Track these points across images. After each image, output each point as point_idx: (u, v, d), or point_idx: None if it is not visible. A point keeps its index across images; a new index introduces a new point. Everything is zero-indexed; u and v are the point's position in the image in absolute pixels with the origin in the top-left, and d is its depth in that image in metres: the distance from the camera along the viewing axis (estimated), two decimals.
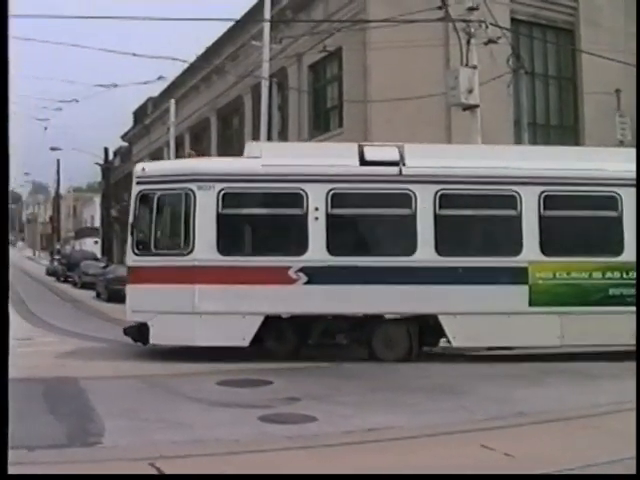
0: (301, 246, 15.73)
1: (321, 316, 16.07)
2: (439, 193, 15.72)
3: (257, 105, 30.87)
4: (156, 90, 50.60)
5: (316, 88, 31.43)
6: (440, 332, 15.85)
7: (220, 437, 9.37)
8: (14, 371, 14.70)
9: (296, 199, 15.81)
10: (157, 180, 16.56)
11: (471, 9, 19.47)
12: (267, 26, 27.26)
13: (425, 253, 15.57)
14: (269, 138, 26.26)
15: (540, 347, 16.20)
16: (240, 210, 16.33)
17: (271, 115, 26.56)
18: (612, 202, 15.85)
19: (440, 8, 19.97)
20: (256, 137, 30.25)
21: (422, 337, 16.09)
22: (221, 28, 37.90)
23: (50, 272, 63.34)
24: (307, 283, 15.60)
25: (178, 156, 41.48)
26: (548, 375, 13.89)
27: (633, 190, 15.23)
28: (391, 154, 16.16)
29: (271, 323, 15.86)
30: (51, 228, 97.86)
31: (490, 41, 20.00)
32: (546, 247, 15.68)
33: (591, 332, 15.37)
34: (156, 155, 51.00)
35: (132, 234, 16.55)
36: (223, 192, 15.86)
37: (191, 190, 15.93)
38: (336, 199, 15.76)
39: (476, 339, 15.96)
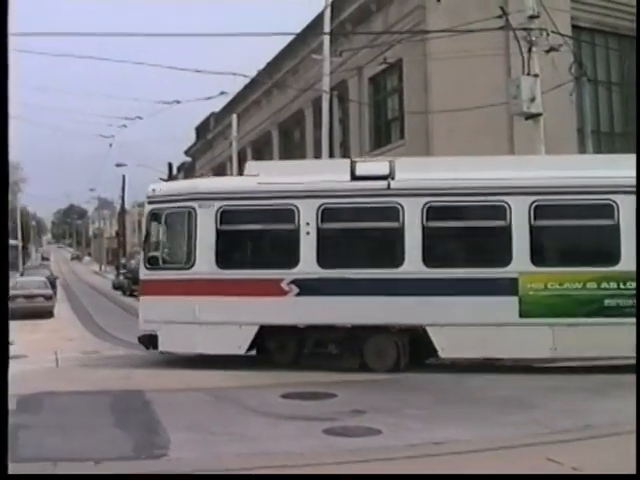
0: (293, 259, 16.39)
1: (314, 326, 16.51)
2: (427, 205, 15.94)
3: (318, 118, 30.98)
4: (218, 105, 51.14)
5: (377, 100, 31.43)
6: (431, 343, 15.90)
7: (285, 450, 9.41)
8: (82, 384, 15.00)
9: (289, 215, 16.48)
10: (165, 199, 17.74)
11: (532, 17, 19.27)
12: (327, 39, 27.36)
13: (413, 265, 15.82)
14: (331, 151, 26.33)
15: (531, 359, 16.24)
16: (237, 226, 17.14)
17: (332, 128, 26.60)
18: (607, 210, 15.48)
19: (500, 17, 19.84)
20: (317, 150, 30.38)
21: (414, 348, 16.23)
22: (281, 43, 38.21)
23: (116, 286, 64.19)
24: (299, 295, 16.19)
25: (240, 171, 41.82)
26: (616, 387, 13.60)
27: (631, 197, 14.73)
28: (381, 168, 16.58)
29: (272, 333, 16.69)
30: (117, 243, 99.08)
31: (552, 49, 19.78)
32: (537, 257, 15.56)
33: (586, 344, 15.12)
34: (219, 170, 51.50)
35: (144, 249, 18.16)
36: (222, 209, 16.83)
37: (193, 208, 17.02)
38: (326, 214, 16.31)
39: (464, 350, 15.93)
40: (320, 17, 28.80)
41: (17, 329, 28.67)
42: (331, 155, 26.50)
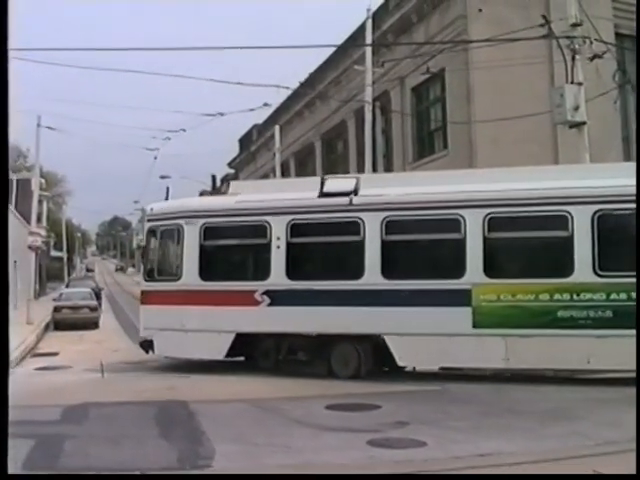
0: (265, 272, 17.75)
1: (286, 334, 17.66)
2: (385, 220, 16.71)
3: (361, 129, 30.97)
4: (261, 117, 51.33)
5: (419, 110, 31.32)
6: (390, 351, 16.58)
7: (328, 461, 9.40)
8: (128, 395, 15.11)
9: (262, 230, 17.82)
10: (160, 217, 19.74)
11: (575, 25, 19.12)
12: (369, 50, 27.41)
13: (372, 277, 16.62)
14: (374, 162, 26.31)
15: (485, 369, 16.56)
16: (218, 241, 18.73)
17: (375, 139, 26.61)
18: (561, 221, 15.59)
19: (543, 25, 19.71)
20: (360, 161, 30.35)
21: (376, 356, 16.91)
22: (324, 54, 38.29)
23: None
24: (270, 305, 17.46)
25: None
26: None
27: (585, 208, 15.18)
28: (346, 185, 17.65)
29: (250, 341, 18.05)
30: None
31: (595, 56, 19.59)
32: (490, 269, 15.81)
33: (539, 355, 15.40)
34: None
35: (143, 263, 20.75)
36: (205, 226, 18.46)
37: (181, 225, 18.80)
38: (295, 229, 17.50)
39: (421, 359, 16.77)
40: (362, 28, 28.85)
41: (62, 340, 29.04)
42: (374, 166, 26.48)
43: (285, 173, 45.14)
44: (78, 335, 31.39)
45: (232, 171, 67.36)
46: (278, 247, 17.58)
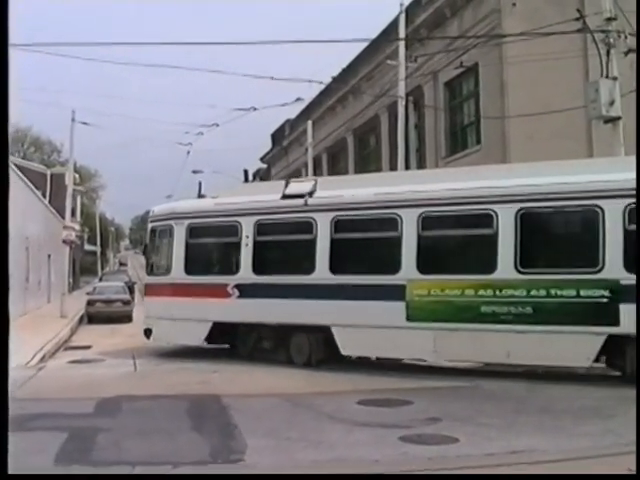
0: (236, 267, 19.71)
1: (254, 324, 19.55)
2: (334, 219, 18.10)
3: (393, 124, 30.87)
4: (293, 112, 51.31)
5: (452, 105, 31.14)
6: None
7: (361, 457, 9.38)
8: (160, 388, 15.18)
9: (234, 229, 19.76)
10: (159, 218, 22.33)
11: (609, 19, 18.91)
12: (402, 45, 27.33)
13: (322, 272, 18.02)
14: (406, 157, 26.22)
15: (418, 360, 17.59)
16: (200, 239, 20.94)
17: (408, 134, 26.49)
18: (487, 220, 16.18)
19: (577, 19, 19.51)
20: (393, 156, 30.28)
21: (327, 346, 18.20)
22: (356, 49, 38.18)
23: None
24: (239, 297, 19.31)
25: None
26: None
27: (510, 206, 15.77)
28: (304, 187, 19.37)
29: (226, 329, 20.00)
30: None
31: (630, 51, 19.36)
32: (422, 266, 16.65)
33: (464, 349, 16.29)
34: (294, 176, 51.61)
35: (146, 259, 24.00)
36: (189, 226, 20.78)
37: (172, 225, 21.28)
38: (261, 228, 19.31)
39: (361, 349, 18.22)
40: (395, 23, 28.76)
41: (95, 333, 29.26)
42: (407, 161, 26.38)
43: (317, 168, 45.10)
44: (111, 329, 31.62)
45: (264, 166, 67.44)
46: (247, 245, 19.41)
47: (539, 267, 15.80)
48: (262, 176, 68.71)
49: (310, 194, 18.86)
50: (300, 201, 18.82)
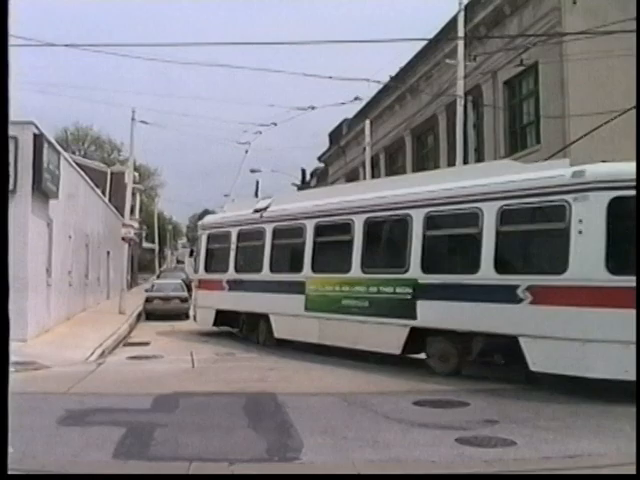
0: (227, 266, 25.51)
1: (239, 312, 25.50)
2: (272, 229, 23.24)
3: (451, 123, 30.68)
4: (351, 111, 51.31)
5: (512, 104, 30.79)
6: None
7: (418, 457, 9.34)
8: (217, 385, 15.28)
9: (228, 237, 25.82)
10: (200, 228, 29.25)
11: None
12: (461, 43, 27.10)
13: (266, 271, 23.23)
14: (465, 156, 26.01)
15: (313, 343, 20.63)
16: (213, 245, 27.37)
17: (466, 133, 26.27)
18: (346, 227, 19.91)
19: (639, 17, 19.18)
20: (451, 155, 30.09)
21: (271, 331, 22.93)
22: (414, 48, 38.01)
23: None
24: (229, 290, 25.38)
25: (373, 176, 41.76)
26: None
27: (360, 216, 19.34)
28: (264, 203, 24.82)
29: (226, 316, 26.16)
30: None
31: None
32: (315, 265, 20.95)
33: (337, 335, 19.68)
34: (351, 176, 51.63)
35: (193, 260, 30.68)
36: (209, 234, 27.62)
37: (201, 234, 28.30)
38: (241, 236, 25.24)
39: (283, 334, 22.33)
40: (453, 21, 28.56)
41: (154, 330, 29.55)
42: (465, 160, 26.17)
43: (375, 167, 45.01)
44: (169, 325, 31.91)
45: (322, 165, 67.49)
46: (233, 249, 25.39)
47: (375, 268, 18.85)
48: (319, 175, 68.79)
49: (265, 209, 24.14)
50: (258, 215, 24.33)
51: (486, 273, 15.49)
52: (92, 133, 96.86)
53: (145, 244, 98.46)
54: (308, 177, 75.62)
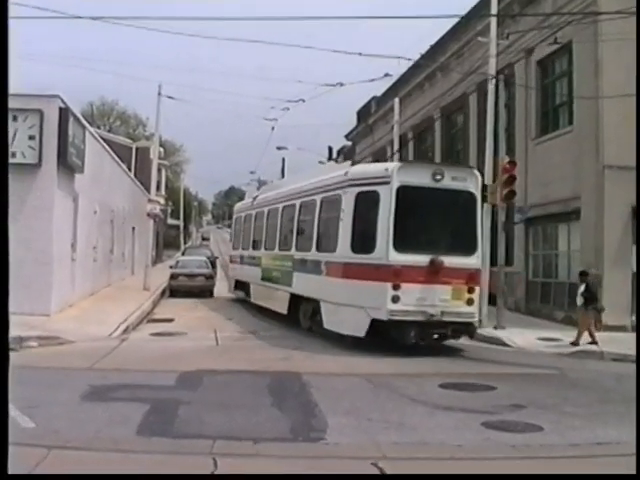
0: (237, 245, 34.17)
1: (237, 279, 33.77)
2: (254, 214, 29.90)
3: (482, 103, 30.32)
4: (379, 89, 50.88)
5: (544, 84, 30.35)
6: None
7: (443, 441, 9.20)
8: (241, 363, 15.12)
9: (240, 220, 33.97)
10: (235, 211, 37.57)
11: None
12: (494, 21, 26.65)
13: (249, 249, 30.44)
14: (495, 137, 25.65)
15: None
16: (235, 227, 36.23)
17: (497, 113, 25.86)
18: (275, 214, 26.20)
19: None
20: (481, 136, 29.74)
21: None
22: (446, 25, 37.54)
23: None
24: (238, 263, 33.35)
25: (401, 156, 41.45)
26: None
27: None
28: (254, 193, 32.85)
29: (243, 284, 31.97)
30: None
31: None
32: (266, 244, 27.05)
33: (267, 299, 26.59)
34: (379, 154, 51.21)
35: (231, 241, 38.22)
36: (236, 217, 35.75)
37: (234, 216, 37.31)
38: (240, 220, 34.04)
39: (257, 300, 28.33)
40: None
41: (177, 307, 29.52)
42: (495, 141, 25.80)
43: (403, 146, 44.66)
44: (193, 302, 31.91)
45: (349, 143, 67.18)
46: (240, 231, 33.34)
47: (286, 246, 23.83)
48: (346, 153, 68.51)
49: (255, 198, 30.93)
50: (250, 202, 31.66)
51: (314, 251, 20.68)
52: (118, 108, 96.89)
53: (170, 220, 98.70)
54: (335, 155, 75.28)
